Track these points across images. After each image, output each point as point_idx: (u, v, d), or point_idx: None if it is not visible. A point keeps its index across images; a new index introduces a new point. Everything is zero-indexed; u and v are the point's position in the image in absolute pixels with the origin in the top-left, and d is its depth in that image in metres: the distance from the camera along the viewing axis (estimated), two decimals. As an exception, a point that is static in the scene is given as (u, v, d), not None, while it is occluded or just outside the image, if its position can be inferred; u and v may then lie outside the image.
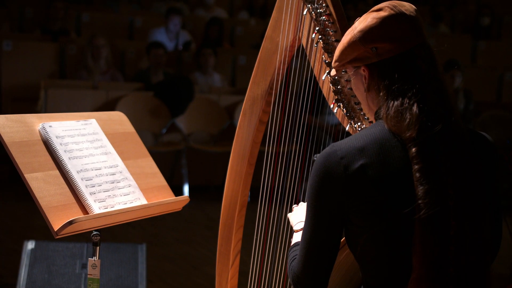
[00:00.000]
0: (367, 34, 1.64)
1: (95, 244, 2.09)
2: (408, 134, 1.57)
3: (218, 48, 7.77)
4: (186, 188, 6.65)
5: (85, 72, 6.99)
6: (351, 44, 1.67)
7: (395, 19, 1.64)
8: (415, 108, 1.58)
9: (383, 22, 1.64)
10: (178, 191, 6.41)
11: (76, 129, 2.17)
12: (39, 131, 2.08)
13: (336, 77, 1.97)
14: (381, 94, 1.64)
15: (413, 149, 1.56)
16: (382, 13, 1.65)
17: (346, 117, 1.97)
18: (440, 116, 1.59)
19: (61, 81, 6.97)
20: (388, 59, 1.64)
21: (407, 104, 1.59)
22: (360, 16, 1.71)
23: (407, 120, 1.58)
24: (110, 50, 7.12)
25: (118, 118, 2.36)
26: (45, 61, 7.22)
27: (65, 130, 2.13)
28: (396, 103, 1.60)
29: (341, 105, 1.98)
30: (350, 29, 1.71)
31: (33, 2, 8.69)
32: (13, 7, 8.24)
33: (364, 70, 1.68)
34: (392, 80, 1.62)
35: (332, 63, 1.77)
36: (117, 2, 9.09)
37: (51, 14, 7.74)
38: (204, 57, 7.30)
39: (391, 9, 1.65)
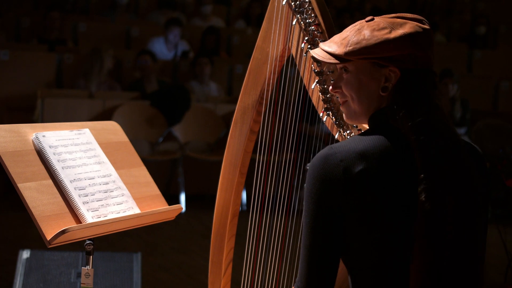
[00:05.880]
0: (416, 38, 1.62)
1: (88, 253, 2.10)
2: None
3: (215, 57, 7.79)
4: (182, 197, 6.65)
5: (83, 81, 6.99)
6: (400, 41, 1.60)
7: (432, 35, 1.67)
8: (433, 119, 1.60)
9: (426, 33, 1.64)
10: (174, 200, 6.42)
11: (69, 139, 2.18)
12: (33, 141, 2.09)
13: (325, 86, 1.99)
14: (405, 104, 1.61)
15: (420, 158, 1.56)
16: (425, 25, 1.65)
17: (335, 126, 1.99)
18: (446, 127, 1.62)
19: (57, 90, 6.98)
20: (422, 69, 1.64)
21: (428, 114, 1.60)
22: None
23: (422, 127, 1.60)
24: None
25: (112, 128, 2.38)
26: (42, 71, 7.23)
27: (59, 140, 2.14)
28: (418, 112, 1.60)
29: (330, 114, 1.99)
30: (380, 26, 1.62)
31: (30, 12, 8.71)
32: (10, 16, 8.26)
33: (392, 71, 1.63)
34: (421, 90, 1.63)
35: (346, 50, 1.63)
36: (114, 11, 9.11)
37: (47, 24, 7.76)
38: (200, 66, 7.32)
39: (429, 24, 1.67)
